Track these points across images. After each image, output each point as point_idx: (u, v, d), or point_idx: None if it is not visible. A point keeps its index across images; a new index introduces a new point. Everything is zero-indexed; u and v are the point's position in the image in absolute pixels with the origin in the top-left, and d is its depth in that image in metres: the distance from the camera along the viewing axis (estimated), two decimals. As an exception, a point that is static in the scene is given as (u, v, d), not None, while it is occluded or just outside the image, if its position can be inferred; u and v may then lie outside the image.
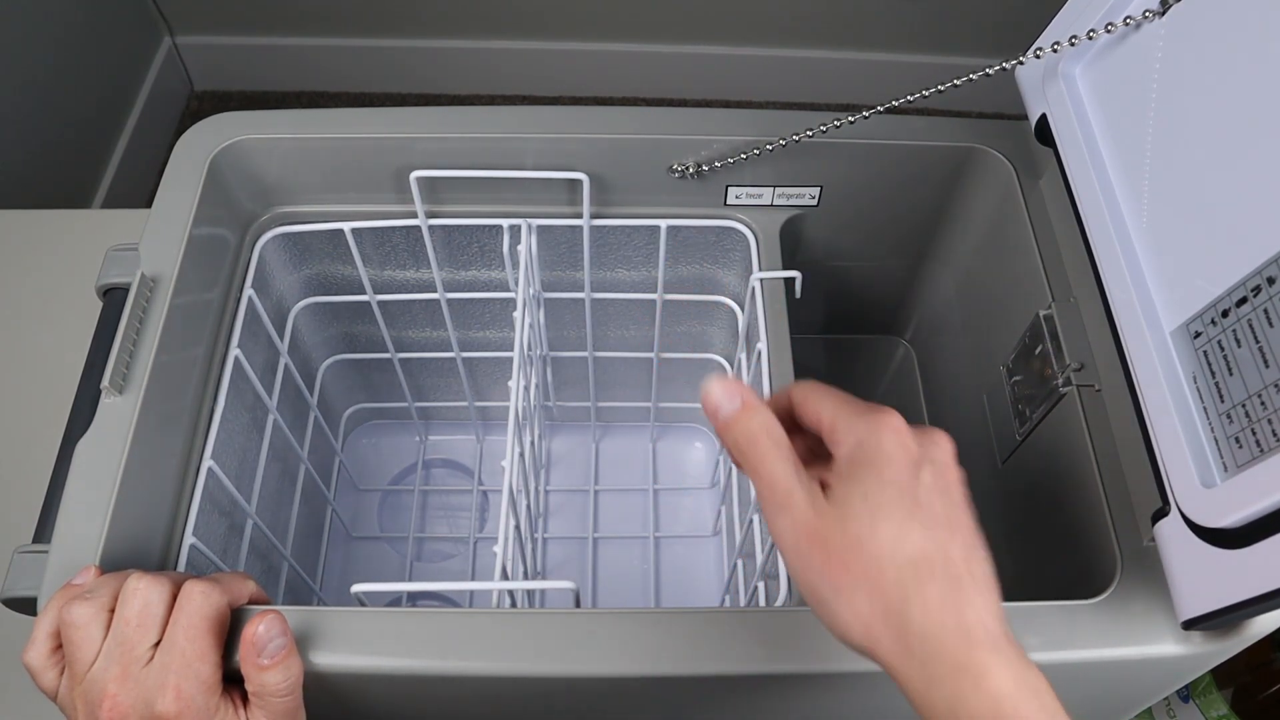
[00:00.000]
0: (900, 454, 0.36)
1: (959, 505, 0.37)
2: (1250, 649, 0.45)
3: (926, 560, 0.35)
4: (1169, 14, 0.45)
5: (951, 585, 0.35)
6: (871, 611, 0.35)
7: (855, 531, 0.35)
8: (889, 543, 0.35)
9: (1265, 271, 0.38)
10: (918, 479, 0.36)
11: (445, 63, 1.72)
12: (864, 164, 0.62)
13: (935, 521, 0.35)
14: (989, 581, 0.36)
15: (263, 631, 0.41)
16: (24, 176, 1.34)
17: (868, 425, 0.37)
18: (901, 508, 0.35)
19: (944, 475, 0.37)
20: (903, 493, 0.36)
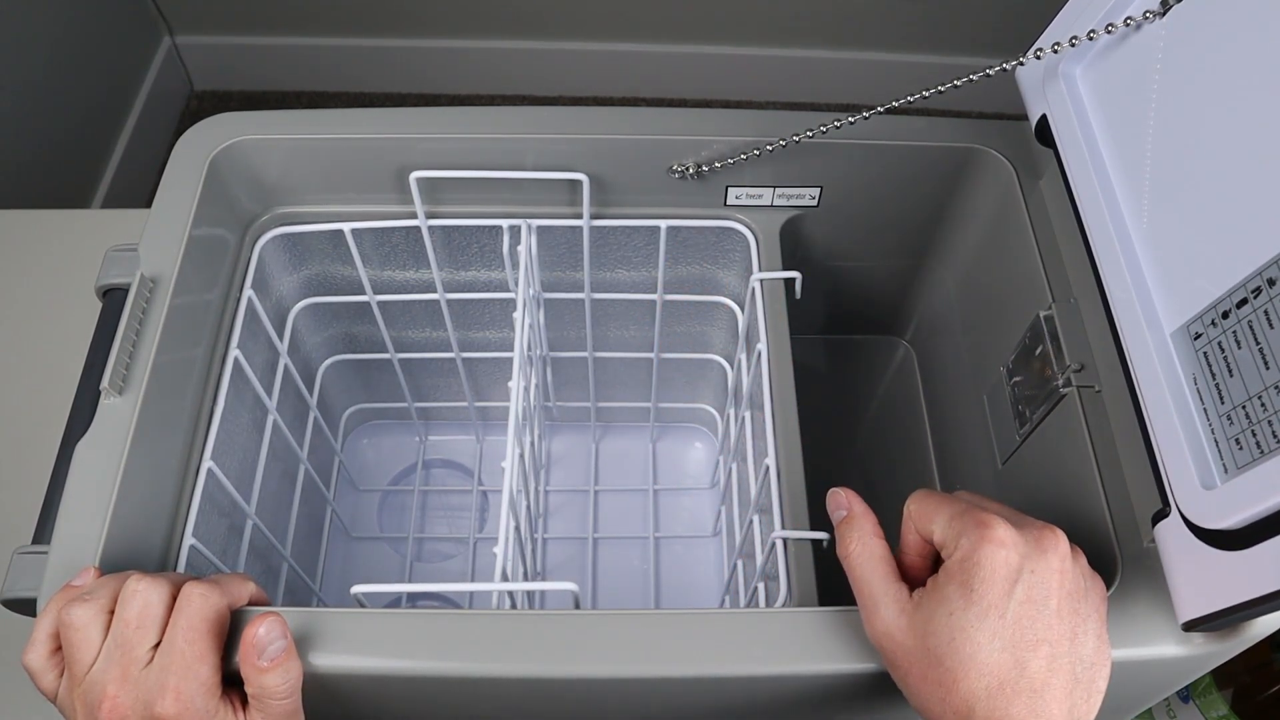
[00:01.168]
0: (998, 570, 0.38)
1: (1055, 615, 0.38)
2: (1250, 650, 0.45)
3: (1001, 673, 0.37)
4: (1169, 14, 0.45)
5: (1023, 697, 0.36)
6: (947, 712, 0.37)
7: (933, 648, 0.38)
8: (965, 661, 0.37)
9: (1266, 273, 0.38)
10: (1011, 595, 0.38)
11: (445, 63, 1.72)
12: (864, 164, 0.62)
13: (1021, 638, 0.37)
14: (1069, 693, 0.37)
15: (262, 634, 0.41)
16: (24, 176, 1.34)
17: (973, 538, 0.39)
18: (985, 628, 0.37)
19: (1043, 585, 0.38)
20: (988, 611, 0.37)
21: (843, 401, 0.84)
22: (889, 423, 0.83)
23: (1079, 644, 0.38)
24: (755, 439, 0.63)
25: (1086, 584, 0.40)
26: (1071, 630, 0.38)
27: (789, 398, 0.57)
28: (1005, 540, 0.38)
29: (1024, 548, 0.39)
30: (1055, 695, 0.37)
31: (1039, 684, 0.37)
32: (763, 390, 0.58)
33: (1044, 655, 0.37)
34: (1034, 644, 0.37)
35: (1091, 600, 0.40)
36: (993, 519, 0.39)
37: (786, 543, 0.52)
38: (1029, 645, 0.37)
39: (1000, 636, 0.37)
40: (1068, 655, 0.38)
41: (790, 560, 0.51)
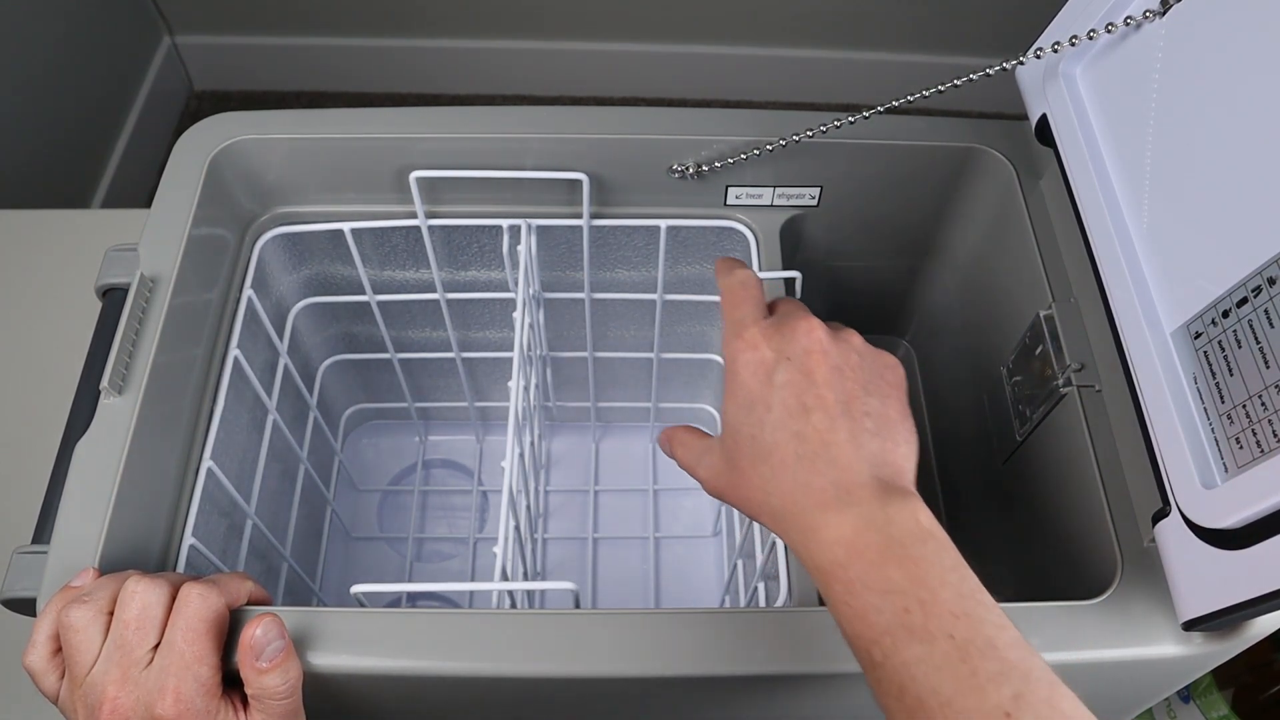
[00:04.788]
0: (751, 369, 0.39)
1: (823, 385, 0.39)
2: (1251, 649, 0.45)
3: (778, 450, 0.38)
4: (1169, 14, 0.45)
5: (804, 462, 0.37)
6: (755, 505, 0.39)
7: (729, 455, 0.40)
8: (746, 451, 0.39)
9: (1266, 272, 0.38)
10: (771, 384, 0.39)
11: (445, 63, 1.72)
12: (864, 164, 0.62)
13: (786, 413, 0.38)
14: (857, 443, 0.38)
15: (260, 634, 0.41)
16: (23, 176, 1.34)
17: (729, 351, 0.41)
18: (753, 417, 0.39)
19: (804, 365, 0.39)
20: (754, 403, 0.39)
21: (843, 401, 0.84)
22: (889, 423, 0.83)
23: (861, 403, 0.39)
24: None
25: (864, 355, 0.41)
26: (847, 395, 0.39)
27: (789, 397, 0.57)
28: (754, 341, 0.40)
29: (775, 340, 0.40)
30: (839, 448, 0.37)
31: (819, 443, 0.37)
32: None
33: (818, 418, 0.38)
34: (804, 413, 0.38)
35: (873, 368, 0.41)
36: (743, 328, 0.41)
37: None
38: (799, 415, 0.38)
39: (769, 422, 0.38)
40: (847, 412, 0.38)
41: (790, 560, 0.51)
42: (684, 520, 0.81)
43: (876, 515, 0.36)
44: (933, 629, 0.33)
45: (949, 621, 0.33)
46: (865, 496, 0.36)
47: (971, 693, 0.32)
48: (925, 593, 0.34)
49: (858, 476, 0.37)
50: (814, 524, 0.36)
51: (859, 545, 0.35)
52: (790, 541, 0.38)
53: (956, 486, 0.74)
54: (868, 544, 0.35)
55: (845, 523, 0.36)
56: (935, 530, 0.36)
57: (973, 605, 0.34)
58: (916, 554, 0.35)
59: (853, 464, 0.37)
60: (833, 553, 0.35)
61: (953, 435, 0.74)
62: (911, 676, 0.33)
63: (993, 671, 0.32)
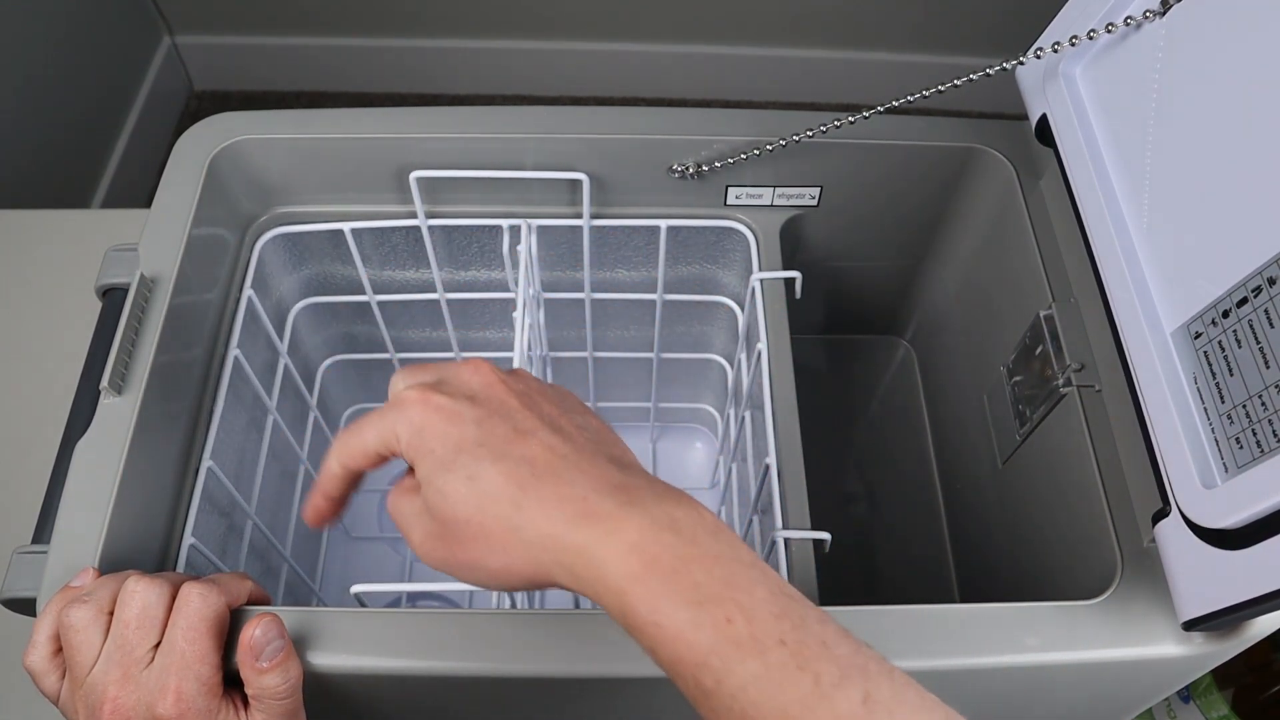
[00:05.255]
0: (435, 418, 0.35)
1: (523, 411, 0.35)
2: (1251, 650, 0.45)
3: (512, 481, 0.33)
4: (1169, 14, 0.45)
5: (546, 483, 0.33)
6: (498, 555, 0.33)
7: (443, 514, 0.34)
8: (466, 497, 0.33)
9: (1266, 272, 0.38)
10: (465, 422, 0.34)
11: (445, 63, 1.72)
12: (864, 164, 0.62)
13: (504, 444, 0.34)
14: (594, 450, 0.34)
15: (259, 634, 0.41)
16: (23, 176, 1.34)
17: (396, 420, 0.36)
18: (462, 462, 0.34)
19: (493, 399, 0.35)
20: (459, 448, 0.34)
21: (843, 401, 0.84)
22: (889, 423, 0.83)
23: (568, 419, 0.35)
24: (755, 439, 0.63)
25: (542, 384, 0.38)
26: (551, 415, 0.35)
27: (789, 398, 0.57)
28: (420, 397, 0.35)
29: (445, 388, 0.36)
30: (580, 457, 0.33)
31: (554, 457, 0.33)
32: (763, 390, 0.58)
33: (541, 439, 0.34)
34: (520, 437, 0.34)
35: (553, 392, 0.37)
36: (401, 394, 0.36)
37: (787, 543, 0.52)
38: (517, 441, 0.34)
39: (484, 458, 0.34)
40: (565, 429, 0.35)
41: (790, 560, 0.51)
42: (684, 520, 0.80)
43: (660, 514, 0.31)
44: (761, 637, 0.29)
45: (774, 625, 0.29)
46: (639, 496, 0.32)
47: (819, 704, 0.28)
48: (741, 595, 0.30)
49: (615, 477, 0.33)
50: (588, 538, 0.31)
51: (652, 551, 0.30)
52: (563, 573, 0.32)
53: (956, 486, 0.74)
54: (662, 548, 0.30)
55: (628, 527, 0.31)
56: (723, 524, 0.32)
57: (788, 601, 0.30)
58: (715, 551, 0.31)
59: (602, 469, 0.33)
60: (625, 565, 0.30)
61: (953, 435, 0.74)
62: (752, 701, 0.29)
63: (834, 675, 0.29)
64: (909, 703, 0.29)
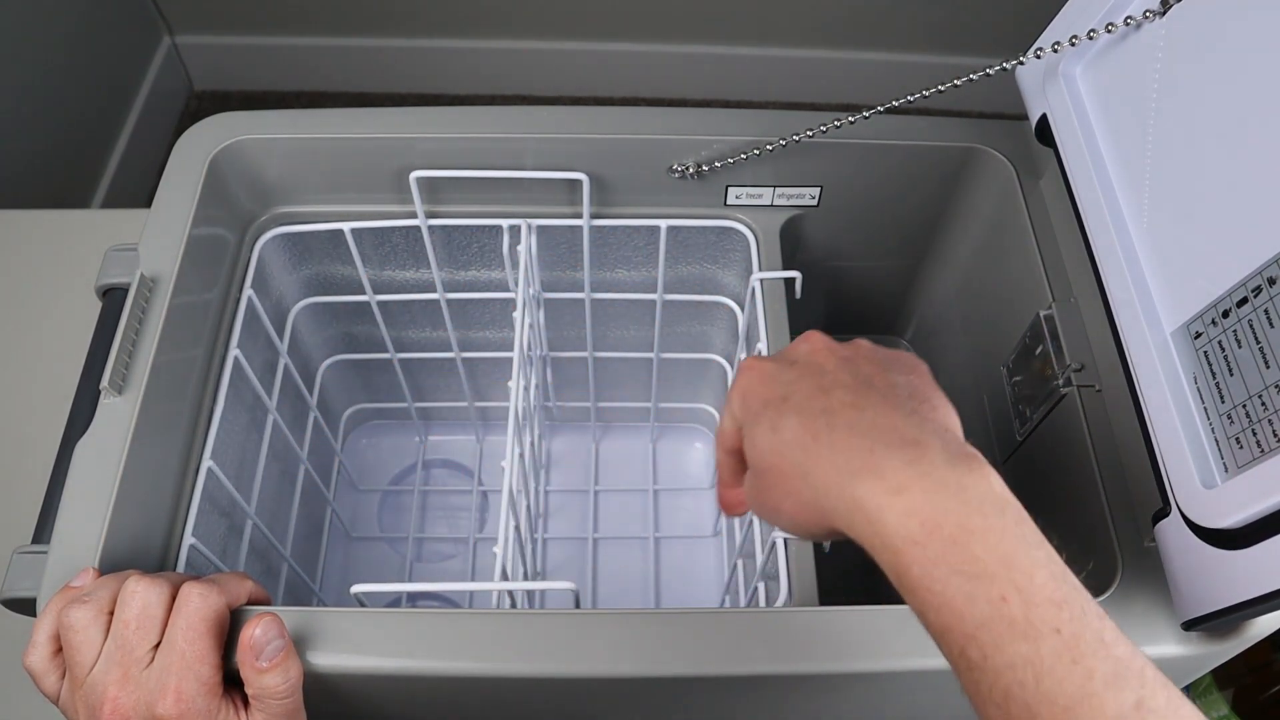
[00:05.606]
0: (757, 380, 0.37)
1: (838, 369, 0.36)
2: (1250, 650, 0.45)
3: (808, 431, 0.34)
4: (1169, 14, 0.45)
5: (840, 434, 0.33)
6: (789, 500, 0.35)
7: (753, 464, 0.37)
8: (768, 445, 0.35)
9: (1266, 272, 0.38)
10: (781, 381, 0.37)
11: (445, 63, 1.71)
12: (864, 164, 0.62)
13: (807, 399, 0.35)
14: (894, 405, 0.34)
15: (259, 634, 0.41)
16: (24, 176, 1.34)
17: (732, 390, 0.38)
18: (769, 414, 0.36)
19: (812, 361, 0.37)
20: (768, 402, 0.36)
21: (843, 401, 0.84)
22: (889, 423, 0.83)
23: (884, 378, 0.36)
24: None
25: (873, 349, 0.38)
26: (867, 374, 0.36)
27: (789, 397, 0.57)
28: (751, 364, 0.38)
29: (775, 356, 0.39)
30: (877, 413, 0.33)
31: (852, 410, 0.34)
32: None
33: (841, 394, 0.35)
34: (823, 393, 0.35)
35: (885, 354, 0.38)
36: (742, 364, 0.39)
37: (786, 543, 0.52)
38: (819, 396, 0.35)
39: (788, 410, 0.35)
40: (872, 387, 0.35)
41: (790, 560, 0.51)
42: (684, 520, 0.81)
43: (948, 479, 0.31)
44: (1036, 622, 0.29)
45: (1051, 612, 0.29)
46: (929, 457, 0.31)
47: (1087, 700, 0.28)
48: (1020, 576, 0.29)
49: (910, 434, 0.32)
50: (868, 492, 0.31)
51: (935, 517, 0.30)
52: (843, 523, 0.32)
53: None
54: (945, 515, 0.30)
55: (913, 489, 0.30)
56: (1012, 497, 0.31)
57: (1070, 590, 0.29)
58: (999, 526, 0.30)
59: (899, 424, 0.33)
60: (905, 527, 0.30)
61: (953, 435, 0.74)
62: (1019, 681, 0.28)
63: (1109, 673, 0.28)
64: (1184, 716, 0.28)
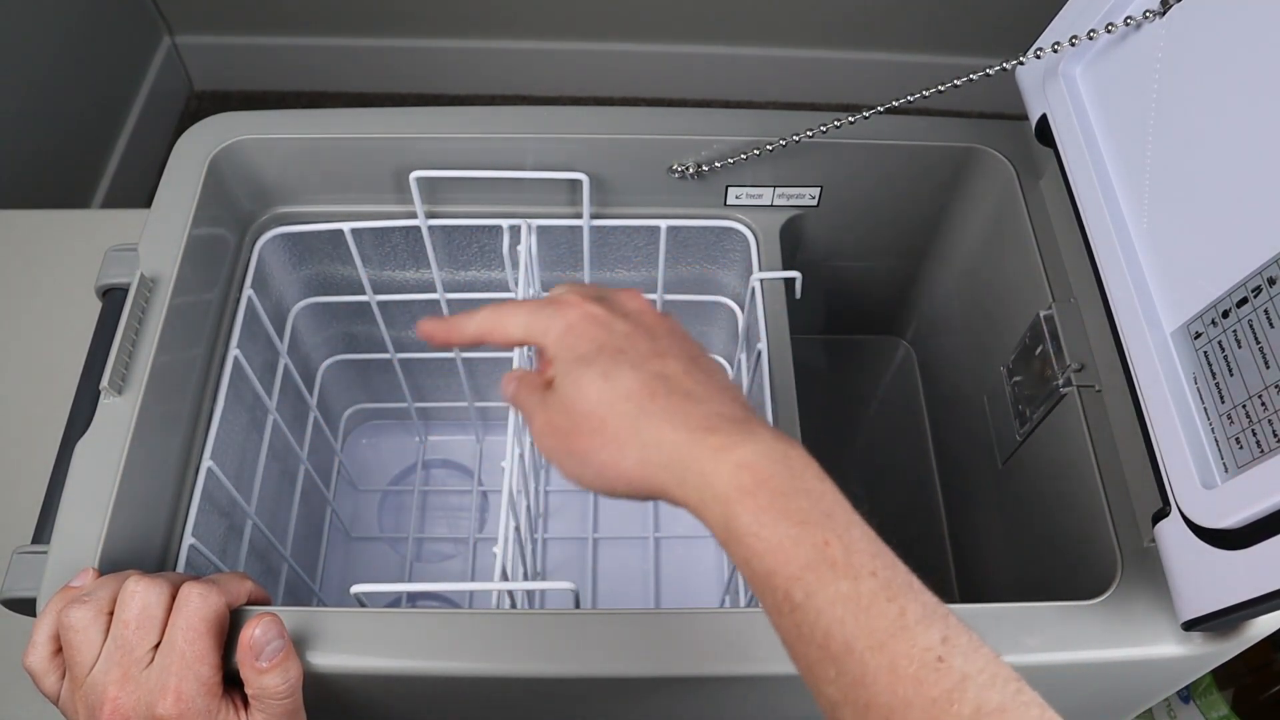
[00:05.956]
0: (588, 321, 0.38)
1: (667, 337, 0.38)
2: (1250, 650, 0.45)
3: (644, 386, 0.36)
4: (1169, 14, 0.45)
5: (678, 397, 0.36)
6: (611, 450, 0.36)
7: (571, 404, 0.37)
8: (598, 393, 0.36)
9: (1266, 272, 0.38)
10: (615, 331, 0.38)
11: (445, 63, 1.72)
12: (864, 164, 0.62)
13: (642, 356, 0.37)
14: (721, 386, 0.37)
15: (259, 634, 0.41)
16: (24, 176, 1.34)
17: (553, 315, 0.39)
18: (603, 361, 0.37)
19: (643, 322, 0.39)
20: (601, 348, 0.37)
21: (843, 401, 0.84)
22: (889, 423, 0.83)
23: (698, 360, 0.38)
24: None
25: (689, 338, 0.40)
26: (691, 351, 0.38)
27: (789, 398, 0.57)
28: (579, 302, 0.39)
29: (604, 303, 0.39)
30: (710, 386, 0.36)
31: (688, 381, 0.36)
32: (763, 390, 0.58)
33: (673, 363, 0.37)
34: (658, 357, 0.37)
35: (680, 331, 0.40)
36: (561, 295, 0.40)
37: (786, 542, 0.52)
38: (655, 359, 0.37)
39: (623, 361, 0.37)
40: (699, 365, 0.38)
41: (790, 560, 0.51)
42: (684, 520, 0.80)
43: (775, 448, 0.33)
44: (855, 565, 0.31)
45: (868, 560, 0.31)
46: (761, 432, 0.34)
47: (901, 633, 0.30)
48: (839, 528, 0.32)
49: (739, 413, 0.35)
50: (704, 451, 0.34)
51: (765, 472, 0.33)
52: (670, 479, 0.34)
53: (956, 486, 0.74)
54: (773, 472, 0.33)
55: (744, 450, 0.33)
56: (823, 472, 0.34)
57: (881, 546, 0.32)
58: (820, 489, 0.33)
59: (728, 404, 0.36)
60: (738, 478, 0.33)
61: (953, 435, 0.74)
62: (838, 618, 0.31)
63: (919, 612, 0.30)
64: (984, 654, 0.30)
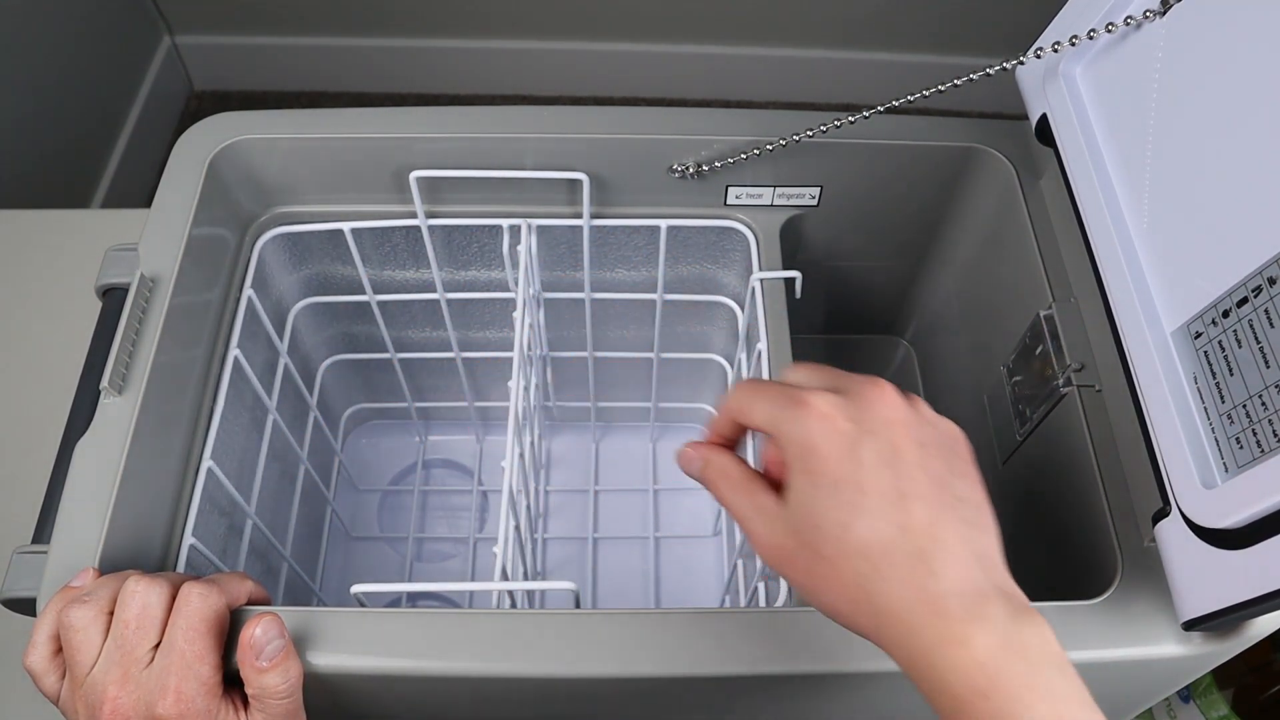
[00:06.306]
0: (831, 443, 0.35)
1: (915, 466, 0.35)
2: (1251, 650, 0.45)
3: (880, 544, 0.34)
4: (1169, 14, 0.45)
5: (914, 561, 0.34)
6: (844, 603, 0.35)
7: (808, 543, 0.35)
8: (834, 540, 0.35)
9: (1266, 272, 0.38)
10: (858, 461, 0.35)
11: (445, 63, 1.72)
12: (864, 164, 0.62)
13: (884, 501, 0.34)
14: (964, 538, 0.35)
15: (259, 634, 0.41)
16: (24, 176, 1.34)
17: (794, 421, 0.36)
18: (841, 501, 0.35)
19: (890, 441, 0.35)
20: (840, 484, 0.35)
21: (843, 401, 0.84)
22: (889, 422, 0.83)
23: (951, 487, 0.35)
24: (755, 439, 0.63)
25: (937, 427, 0.37)
26: (939, 477, 0.35)
27: (789, 397, 0.57)
28: (826, 412, 0.36)
29: (850, 410, 0.36)
30: (949, 546, 0.34)
31: (927, 539, 0.34)
32: (763, 390, 0.58)
33: (919, 510, 0.34)
34: (902, 500, 0.34)
35: (947, 442, 0.37)
36: (808, 395, 0.36)
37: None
38: (898, 505, 0.34)
39: (862, 507, 0.34)
40: (946, 503, 0.35)
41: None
42: (684, 520, 0.81)
43: (1013, 637, 0.32)
44: None
45: None
46: (995, 613, 0.33)
47: None
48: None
49: (978, 584, 0.34)
50: (941, 640, 0.33)
51: (1002, 674, 0.32)
52: (900, 654, 0.34)
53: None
54: (1012, 673, 0.32)
55: (981, 644, 0.32)
56: (1062, 653, 0.33)
57: None
58: (1060, 687, 0.32)
59: (968, 568, 0.34)
60: (972, 680, 0.32)
61: (953, 435, 0.74)
62: None
63: None
64: None
